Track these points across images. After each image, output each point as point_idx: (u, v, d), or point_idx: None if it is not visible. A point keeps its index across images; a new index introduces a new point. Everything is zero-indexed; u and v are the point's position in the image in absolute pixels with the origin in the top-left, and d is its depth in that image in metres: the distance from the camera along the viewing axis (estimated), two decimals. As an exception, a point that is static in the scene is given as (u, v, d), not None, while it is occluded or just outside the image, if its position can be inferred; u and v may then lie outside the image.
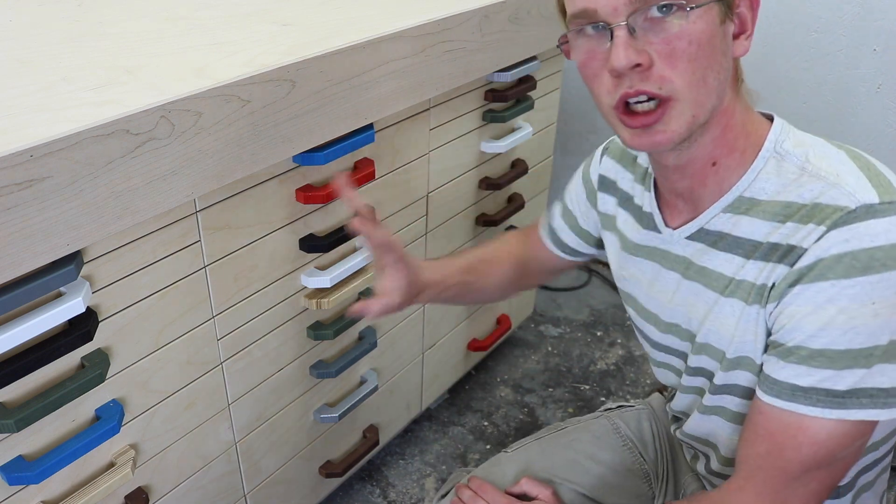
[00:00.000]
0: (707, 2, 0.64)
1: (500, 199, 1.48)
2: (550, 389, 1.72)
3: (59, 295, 0.75)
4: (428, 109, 1.18)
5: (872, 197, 0.65)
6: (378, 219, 0.87)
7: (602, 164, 0.92)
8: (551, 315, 1.97)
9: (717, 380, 0.79)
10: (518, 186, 1.51)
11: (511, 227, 1.54)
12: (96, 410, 0.85)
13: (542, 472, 0.98)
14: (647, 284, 0.85)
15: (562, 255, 1.02)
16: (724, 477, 0.89)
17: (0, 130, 0.65)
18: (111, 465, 0.89)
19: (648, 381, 1.75)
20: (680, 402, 0.90)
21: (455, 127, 1.26)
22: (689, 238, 0.78)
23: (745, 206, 0.72)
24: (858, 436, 0.68)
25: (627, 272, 0.88)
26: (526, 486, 0.95)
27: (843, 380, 0.65)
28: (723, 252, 0.74)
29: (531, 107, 1.39)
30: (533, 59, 1.32)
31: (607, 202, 0.91)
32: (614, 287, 2.06)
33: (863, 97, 1.55)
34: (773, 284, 0.69)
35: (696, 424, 0.87)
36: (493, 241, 1.08)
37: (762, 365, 0.73)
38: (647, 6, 0.63)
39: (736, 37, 0.68)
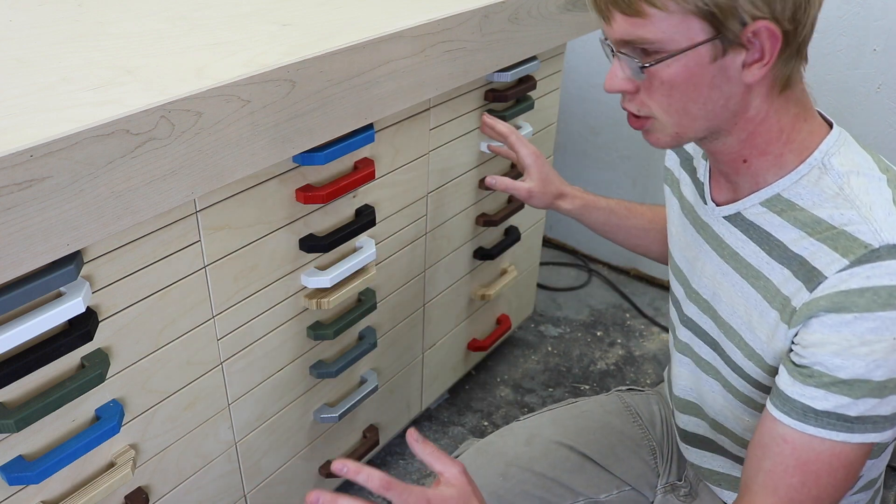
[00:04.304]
0: (675, 52, 0.66)
1: (500, 199, 1.48)
2: (550, 389, 1.72)
3: (59, 295, 0.75)
4: (428, 109, 1.18)
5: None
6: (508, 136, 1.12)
7: None
8: (551, 315, 1.97)
9: (737, 360, 0.81)
10: (518, 186, 1.51)
11: (511, 228, 1.54)
12: (96, 410, 0.85)
13: (551, 436, 1.01)
14: (684, 246, 0.89)
15: None
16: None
17: (0, 130, 0.65)
18: (111, 465, 0.89)
19: (648, 382, 1.75)
20: (686, 380, 0.92)
21: (455, 127, 1.26)
22: (726, 218, 0.80)
23: (781, 206, 0.74)
24: (865, 457, 0.70)
25: (675, 228, 0.92)
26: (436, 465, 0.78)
27: (857, 407, 0.67)
28: (754, 244, 0.77)
29: (531, 107, 1.39)
30: (533, 59, 1.32)
31: (672, 159, 0.95)
32: (614, 287, 2.07)
33: (863, 97, 1.55)
34: (796, 308, 0.71)
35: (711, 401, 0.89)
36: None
37: (777, 380, 0.74)
38: (624, 49, 0.69)
39: (751, 63, 0.67)
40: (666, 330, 1.90)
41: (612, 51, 0.71)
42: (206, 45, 0.90)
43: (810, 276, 0.69)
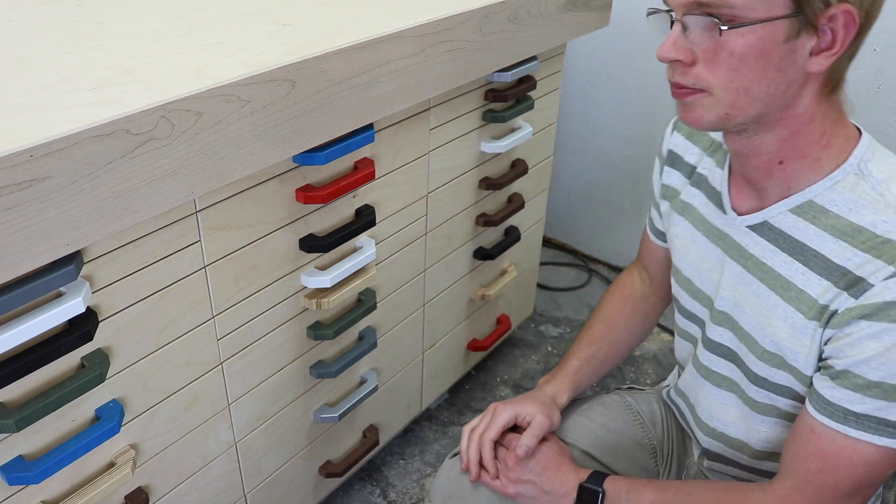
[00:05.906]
0: (753, 21, 0.63)
1: (500, 199, 1.48)
2: (550, 389, 1.72)
3: (59, 295, 0.75)
4: (428, 109, 1.18)
5: None
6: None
7: (672, 139, 0.93)
8: (551, 315, 1.97)
9: (759, 371, 0.80)
10: (518, 186, 1.51)
11: (511, 228, 1.54)
12: (96, 410, 0.85)
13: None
14: (697, 259, 0.87)
15: (662, 244, 1.01)
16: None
17: (0, 130, 0.65)
18: (111, 465, 0.89)
19: (648, 382, 1.75)
20: (686, 381, 0.93)
21: (455, 127, 1.26)
22: (750, 227, 0.78)
23: (813, 213, 0.73)
24: (894, 462, 0.71)
25: (680, 242, 0.90)
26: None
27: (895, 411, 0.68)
28: (785, 254, 0.75)
29: (531, 107, 1.39)
30: (533, 59, 1.32)
31: (672, 175, 0.93)
32: (614, 287, 2.07)
33: (863, 97, 1.55)
34: (836, 311, 0.70)
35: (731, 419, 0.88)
36: (607, 295, 1.10)
37: (812, 379, 0.74)
38: (696, 11, 0.66)
39: (818, 52, 0.66)
40: (666, 330, 1.90)
41: (671, 17, 0.68)
42: (206, 45, 0.90)
43: (856, 284, 0.68)
